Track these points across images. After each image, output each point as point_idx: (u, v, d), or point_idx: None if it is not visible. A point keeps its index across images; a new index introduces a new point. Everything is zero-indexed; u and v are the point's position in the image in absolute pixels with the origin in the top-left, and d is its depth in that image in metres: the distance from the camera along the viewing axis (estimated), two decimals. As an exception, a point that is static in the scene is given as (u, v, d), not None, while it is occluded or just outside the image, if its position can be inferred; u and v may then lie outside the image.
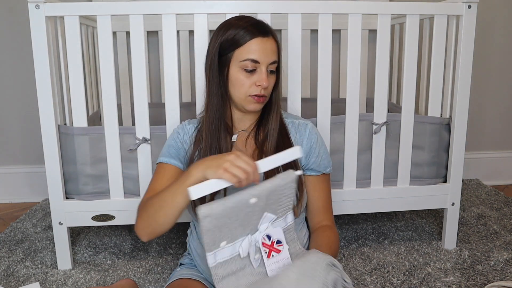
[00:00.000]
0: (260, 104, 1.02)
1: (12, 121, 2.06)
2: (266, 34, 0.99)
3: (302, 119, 1.12)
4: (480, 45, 2.16)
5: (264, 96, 1.00)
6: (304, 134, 1.08)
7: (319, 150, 1.08)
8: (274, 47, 1.00)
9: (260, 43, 0.98)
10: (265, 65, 0.99)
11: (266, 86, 0.99)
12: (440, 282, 1.28)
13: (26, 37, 1.97)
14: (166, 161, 1.06)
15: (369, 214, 1.82)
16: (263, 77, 0.98)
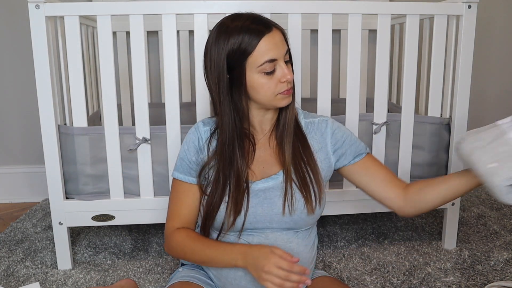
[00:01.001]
0: (290, 96, 0.96)
1: (12, 121, 2.06)
2: (270, 27, 0.92)
3: (321, 116, 1.08)
4: (480, 45, 2.16)
5: (291, 88, 0.96)
6: (326, 132, 1.03)
7: (349, 138, 1.04)
8: (282, 37, 0.94)
9: (270, 40, 0.91)
10: (281, 59, 0.93)
11: (291, 80, 0.94)
12: (440, 282, 1.28)
13: (26, 37, 1.97)
14: (181, 178, 1.02)
15: (369, 214, 1.82)
16: (286, 72, 0.92)
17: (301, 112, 1.07)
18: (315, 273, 1.07)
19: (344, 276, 1.33)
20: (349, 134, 1.06)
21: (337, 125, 1.05)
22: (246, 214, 0.96)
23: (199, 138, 1.02)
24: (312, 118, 1.06)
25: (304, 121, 1.05)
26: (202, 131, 1.02)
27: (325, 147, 1.03)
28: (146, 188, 1.36)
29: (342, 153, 1.03)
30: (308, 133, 1.03)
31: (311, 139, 1.02)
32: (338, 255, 1.47)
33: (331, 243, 1.56)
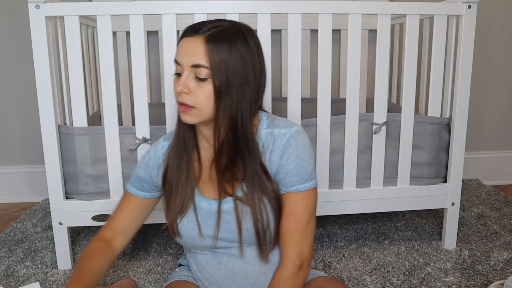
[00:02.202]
0: (186, 114, 0.86)
1: (12, 121, 2.06)
2: (194, 33, 0.84)
3: (286, 126, 0.92)
4: (480, 45, 2.16)
5: (186, 104, 0.85)
6: (278, 148, 0.91)
7: (290, 166, 0.90)
8: (200, 49, 0.82)
9: (184, 43, 0.84)
10: (186, 68, 0.84)
11: (180, 91, 0.84)
12: (440, 282, 1.28)
13: (26, 37, 1.97)
14: (129, 190, 1.05)
15: (369, 214, 1.82)
16: (179, 81, 0.84)
17: (266, 121, 0.94)
18: (313, 274, 1.06)
19: (344, 276, 1.33)
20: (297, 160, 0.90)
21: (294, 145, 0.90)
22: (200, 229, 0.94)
23: (151, 156, 1.02)
24: (274, 128, 0.92)
25: (265, 131, 0.93)
26: (159, 147, 1.01)
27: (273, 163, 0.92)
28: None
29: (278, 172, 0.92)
30: (266, 146, 0.92)
31: (266, 153, 0.92)
32: (338, 255, 1.47)
33: (331, 243, 1.56)
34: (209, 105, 0.85)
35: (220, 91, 0.83)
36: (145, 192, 1.04)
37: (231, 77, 0.83)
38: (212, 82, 0.83)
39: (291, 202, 0.92)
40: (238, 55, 0.83)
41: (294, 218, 0.91)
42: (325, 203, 1.41)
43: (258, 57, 0.88)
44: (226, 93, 0.84)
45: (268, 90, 1.34)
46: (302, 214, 0.91)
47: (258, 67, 0.88)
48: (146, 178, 1.03)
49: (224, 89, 0.83)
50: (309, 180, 0.92)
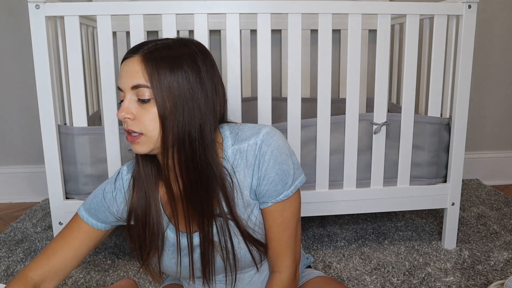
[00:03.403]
0: (135, 144, 0.78)
1: (12, 121, 2.06)
2: (133, 53, 0.77)
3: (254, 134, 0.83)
4: (480, 45, 2.16)
5: (133, 131, 0.77)
6: (251, 162, 0.82)
7: (271, 175, 0.82)
8: (138, 68, 0.75)
9: (123, 67, 0.77)
10: (127, 91, 0.76)
11: (122, 117, 0.76)
12: (440, 282, 1.28)
13: (26, 37, 1.97)
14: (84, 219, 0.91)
15: (369, 214, 1.82)
16: (122, 106, 0.76)
17: (229, 137, 0.84)
18: (310, 273, 1.04)
19: (344, 276, 1.33)
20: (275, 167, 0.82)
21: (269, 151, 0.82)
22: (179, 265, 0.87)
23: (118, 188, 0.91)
24: (241, 143, 0.83)
25: (232, 149, 0.83)
26: (124, 179, 0.91)
27: (250, 178, 0.83)
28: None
29: (258, 188, 0.84)
30: (236, 165, 0.83)
31: (238, 172, 0.83)
32: (338, 255, 1.47)
33: (331, 243, 1.56)
34: (157, 128, 0.76)
35: (163, 112, 0.75)
36: (102, 222, 0.91)
37: (176, 96, 0.75)
38: (155, 102, 0.75)
39: (280, 212, 0.85)
40: (182, 72, 0.76)
41: (285, 228, 0.86)
42: (325, 203, 1.41)
43: (209, 75, 0.79)
44: (171, 113, 0.75)
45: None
46: (292, 221, 0.86)
47: (210, 85, 0.79)
48: (109, 208, 0.91)
49: (169, 109, 0.75)
50: (294, 181, 0.84)
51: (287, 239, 0.86)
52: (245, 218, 0.84)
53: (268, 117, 1.34)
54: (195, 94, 0.77)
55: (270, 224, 0.85)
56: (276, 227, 0.85)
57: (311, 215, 1.39)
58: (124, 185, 0.90)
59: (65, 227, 0.92)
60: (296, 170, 0.85)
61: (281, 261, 0.87)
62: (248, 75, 1.96)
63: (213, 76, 0.80)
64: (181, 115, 0.76)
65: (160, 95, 0.75)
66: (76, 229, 0.91)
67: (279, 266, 0.87)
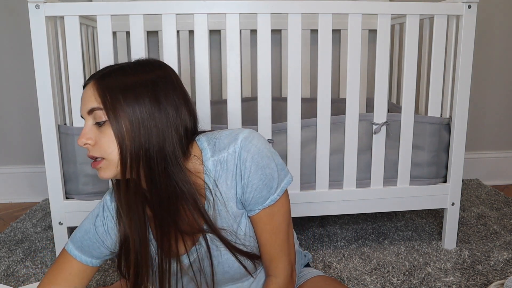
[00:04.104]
0: (98, 170, 0.77)
1: (12, 121, 2.06)
2: (88, 81, 0.78)
3: (231, 142, 0.81)
4: (480, 45, 2.16)
5: (95, 158, 0.76)
6: (232, 172, 0.80)
7: (254, 181, 0.80)
8: (90, 92, 0.76)
9: (82, 95, 0.78)
10: (86, 116, 0.77)
11: (84, 142, 0.76)
12: (440, 282, 1.28)
13: (26, 37, 1.97)
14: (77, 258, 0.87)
15: (369, 214, 1.82)
16: (82, 132, 0.76)
17: (207, 148, 0.82)
18: (310, 273, 1.04)
19: (344, 276, 1.33)
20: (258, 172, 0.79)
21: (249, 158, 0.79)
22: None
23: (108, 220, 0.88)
24: (220, 153, 0.81)
25: (212, 160, 0.81)
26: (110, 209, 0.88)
27: (233, 189, 0.82)
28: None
29: (243, 195, 0.82)
30: (218, 177, 0.81)
31: (221, 184, 0.81)
32: (338, 255, 1.47)
33: (331, 243, 1.56)
34: (115, 151, 0.75)
35: (119, 132, 0.74)
36: (96, 259, 0.88)
37: (130, 116, 0.74)
38: (110, 123, 0.74)
39: (270, 217, 0.83)
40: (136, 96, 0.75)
41: (277, 232, 0.84)
42: (325, 203, 1.41)
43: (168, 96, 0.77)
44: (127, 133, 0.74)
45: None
46: (283, 224, 0.84)
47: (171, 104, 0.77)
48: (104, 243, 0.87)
49: (125, 129, 0.74)
50: (279, 183, 0.82)
51: (280, 243, 0.85)
52: (234, 230, 0.82)
53: (268, 117, 1.34)
54: (152, 115, 0.75)
55: (260, 231, 0.83)
56: (267, 233, 0.83)
57: (311, 215, 1.39)
58: (112, 214, 0.88)
59: (54, 268, 0.87)
60: (281, 171, 0.82)
61: (276, 266, 0.86)
62: (248, 75, 1.96)
63: (175, 96, 0.79)
64: (137, 136, 0.74)
65: (114, 116, 0.74)
66: (68, 269, 0.87)
67: (274, 270, 0.86)
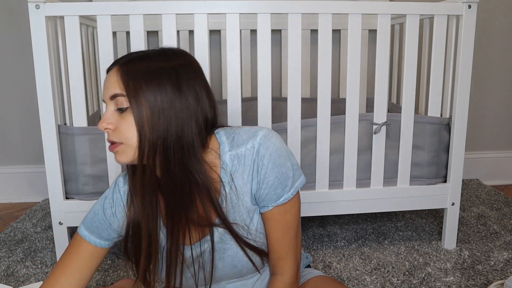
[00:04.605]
0: (115, 154, 0.79)
1: (12, 121, 2.06)
2: (112, 65, 0.79)
3: (250, 138, 0.82)
4: (480, 45, 2.16)
5: (114, 142, 0.78)
6: (250, 167, 0.82)
7: (270, 178, 0.81)
8: (114, 78, 0.77)
9: (105, 79, 0.80)
10: (108, 102, 0.78)
11: (102, 128, 0.77)
12: (440, 282, 1.28)
13: (26, 37, 1.97)
14: (87, 238, 0.89)
15: (369, 214, 1.82)
16: (103, 117, 0.78)
17: (226, 142, 0.84)
18: (310, 273, 1.04)
19: (344, 276, 1.33)
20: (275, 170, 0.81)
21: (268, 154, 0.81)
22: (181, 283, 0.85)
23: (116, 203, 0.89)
24: (238, 148, 0.82)
25: (229, 155, 0.82)
26: (122, 192, 0.89)
27: (249, 184, 0.83)
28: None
29: (258, 192, 0.83)
30: (234, 171, 0.82)
31: (237, 178, 0.82)
32: (338, 255, 1.47)
33: (331, 243, 1.56)
34: (135, 137, 0.76)
35: (140, 119, 0.75)
36: (105, 240, 0.90)
37: (152, 104, 0.75)
38: (131, 110, 0.75)
39: (281, 215, 0.84)
40: (158, 84, 0.75)
41: (287, 231, 0.85)
42: (325, 203, 1.41)
43: (190, 85, 0.78)
44: (147, 121, 0.75)
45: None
46: (294, 223, 0.86)
47: (192, 95, 0.78)
48: (111, 225, 0.89)
49: (145, 117, 0.75)
50: (294, 183, 0.84)
51: (289, 242, 0.86)
52: (247, 224, 0.83)
53: (268, 117, 1.34)
54: (173, 103, 0.76)
55: (271, 228, 0.85)
56: (277, 231, 0.85)
57: (311, 215, 1.39)
58: (122, 198, 0.89)
59: (67, 250, 0.90)
60: (296, 171, 0.84)
61: (283, 264, 0.87)
62: (248, 75, 1.96)
63: (196, 85, 0.79)
64: (157, 124, 0.75)
65: (136, 103, 0.75)
66: (79, 251, 0.89)
67: (281, 269, 0.87)
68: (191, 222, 0.80)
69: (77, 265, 0.88)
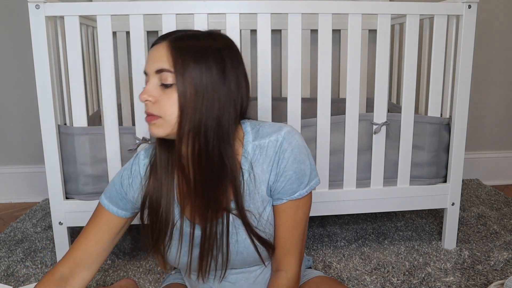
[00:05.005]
0: (152, 125, 0.80)
1: (12, 121, 2.06)
2: (161, 40, 0.80)
3: (275, 132, 0.86)
4: (480, 45, 2.16)
5: (152, 115, 0.79)
6: (271, 158, 0.85)
7: (289, 172, 0.84)
8: (163, 53, 0.78)
9: (151, 52, 0.80)
10: (152, 75, 0.79)
11: (144, 99, 0.79)
12: (440, 282, 1.28)
13: (26, 37, 1.97)
14: (107, 207, 0.92)
15: (369, 214, 1.82)
16: (145, 89, 0.79)
17: (250, 132, 0.87)
18: (310, 273, 1.05)
19: (344, 276, 1.33)
20: (294, 165, 0.84)
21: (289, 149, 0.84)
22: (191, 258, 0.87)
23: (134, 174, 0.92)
24: (262, 139, 0.85)
25: (252, 145, 0.85)
26: (141, 164, 0.92)
27: (267, 174, 0.86)
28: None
29: (274, 184, 0.86)
30: (255, 160, 0.85)
31: (257, 167, 0.85)
32: (338, 255, 1.47)
33: (331, 243, 1.56)
34: (175, 114, 0.78)
35: (184, 98, 0.76)
36: (122, 210, 0.92)
37: (197, 84, 0.76)
38: (177, 88, 0.77)
39: (293, 211, 0.86)
40: (205, 64, 0.77)
41: (296, 227, 0.87)
42: (325, 203, 1.41)
43: (233, 70, 0.81)
44: (190, 101, 0.77)
45: (262, 93, 1.34)
46: (303, 221, 0.88)
47: (234, 80, 0.80)
48: (127, 195, 0.92)
49: (189, 97, 0.76)
50: (310, 181, 0.86)
51: (296, 238, 0.87)
52: (259, 212, 0.85)
53: (268, 117, 1.34)
54: (217, 86, 0.78)
55: (282, 222, 0.87)
56: (287, 225, 0.86)
57: (311, 215, 1.39)
58: (140, 170, 0.91)
59: (90, 218, 0.94)
60: (312, 171, 0.87)
61: (288, 260, 0.88)
62: (248, 75, 1.96)
63: (238, 71, 0.82)
64: (200, 104, 0.77)
65: (182, 81, 0.76)
66: (99, 219, 0.93)
67: (285, 265, 0.88)
68: (212, 202, 0.82)
69: (98, 234, 0.91)
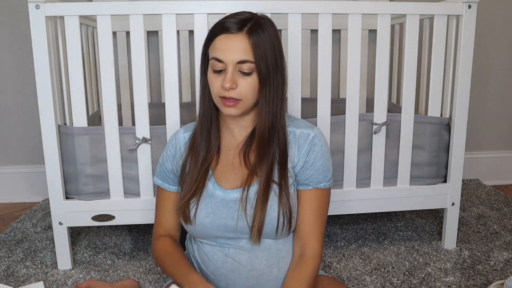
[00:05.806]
0: (231, 108, 0.92)
1: (12, 121, 2.06)
2: (235, 30, 0.90)
3: (308, 127, 1.00)
4: (480, 45, 2.16)
5: (233, 99, 0.91)
6: (302, 147, 0.98)
7: (317, 164, 0.98)
8: (245, 45, 0.89)
9: (225, 41, 0.90)
10: (231, 64, 0.90)
11: (229, 87, 0.89)
12: (440, 282, 1.28)
13: (26, 37, 1.97)
14: (160, 185, 1.06)
15: (369, 214, 1.82)
16: (226, 77, 0.89)
17: (289, 119, 1.02)
18: None
19: (344, 276, 1.33)
20: (322, 159, 0.98)
21: (319, 144, 0.99)
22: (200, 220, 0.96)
23: (176, 147, 1.04)
24: (295, 128, 1.00)
25: (287, 130, 1.00)
26: (180, 137, 1.04)
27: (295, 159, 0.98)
28: (146, 188, 1.36)
29: (302, 172, 0.99)
30: (288, 141, 0.99)
31: (289, 149, 0.98)
32: (338, 255, 1.47)
33: (331, 243, 1.56)
34: (253, 97, 0.92)
35: (264, 81, 0.91)
36: (172, 185, 1.05)
37: (270, 66, 0.91)
38: (257, 74, 0.90)
39: (318, 198, 0.98)
40: (271, 44, 0.91)
41: (320, 214, 0.98)
42: (325, 203, 1.41)
43: (279, 45, 0.95)
44: (267, 82, 0.91)
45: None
46: (325, 211, 1.00)
47: (285, 69, 0.96)
48: (174, 171, 1.04)
49: (267, 79, 0.91)
50: (331, 178, 1.01)
51: (320, 225, 0.98)
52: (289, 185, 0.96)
53: (268, 117, 1.34)
54: (280, 71, 0.94)
55: (307, 206, 0.98)
56: (313, 210, 0.97)
57: (311, 215, 1.39)
58: (180, 143, 1.03)
59: (158, 204, 1.08)
60: (331, 172, 1.01)
61: (314, 244, 0.96)
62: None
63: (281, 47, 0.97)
64: (273, 86, 0.93)
65: (261, 67, 0.90)
66: (162, 197, 1.06)
67: (311, 249, 0.96)
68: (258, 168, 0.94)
69: (165, 209, 1.06)
